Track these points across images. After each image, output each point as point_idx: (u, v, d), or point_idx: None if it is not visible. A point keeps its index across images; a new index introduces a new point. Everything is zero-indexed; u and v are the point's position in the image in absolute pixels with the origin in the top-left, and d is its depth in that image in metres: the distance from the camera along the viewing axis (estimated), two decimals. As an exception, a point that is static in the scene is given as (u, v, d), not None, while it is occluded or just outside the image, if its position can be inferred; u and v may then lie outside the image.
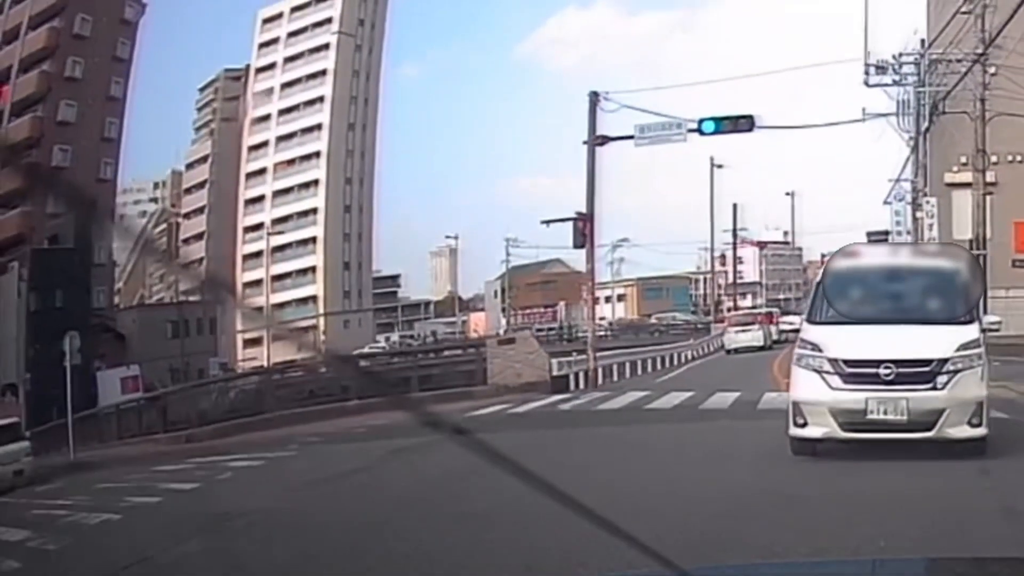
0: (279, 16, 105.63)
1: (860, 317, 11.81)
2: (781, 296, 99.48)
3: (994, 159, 33.92)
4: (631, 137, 25.36)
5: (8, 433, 25.42)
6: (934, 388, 11.01)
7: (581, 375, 26.66)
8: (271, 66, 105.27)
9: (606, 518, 2.22)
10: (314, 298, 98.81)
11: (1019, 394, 16.94)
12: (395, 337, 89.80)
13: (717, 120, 25.82)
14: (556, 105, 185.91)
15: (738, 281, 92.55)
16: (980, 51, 25.88)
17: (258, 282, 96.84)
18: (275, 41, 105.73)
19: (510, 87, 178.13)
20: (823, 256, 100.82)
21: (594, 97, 25.39)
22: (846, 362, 11.20)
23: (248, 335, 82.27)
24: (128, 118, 68.14)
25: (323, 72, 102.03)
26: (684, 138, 25.54)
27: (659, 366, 34.88)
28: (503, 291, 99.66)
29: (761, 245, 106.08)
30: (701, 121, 25.70)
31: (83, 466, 25.97)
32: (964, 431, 10.98)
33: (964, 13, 26.90)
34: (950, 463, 10.40)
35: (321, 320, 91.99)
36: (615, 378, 28.88)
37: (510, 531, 7.75)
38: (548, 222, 30.56)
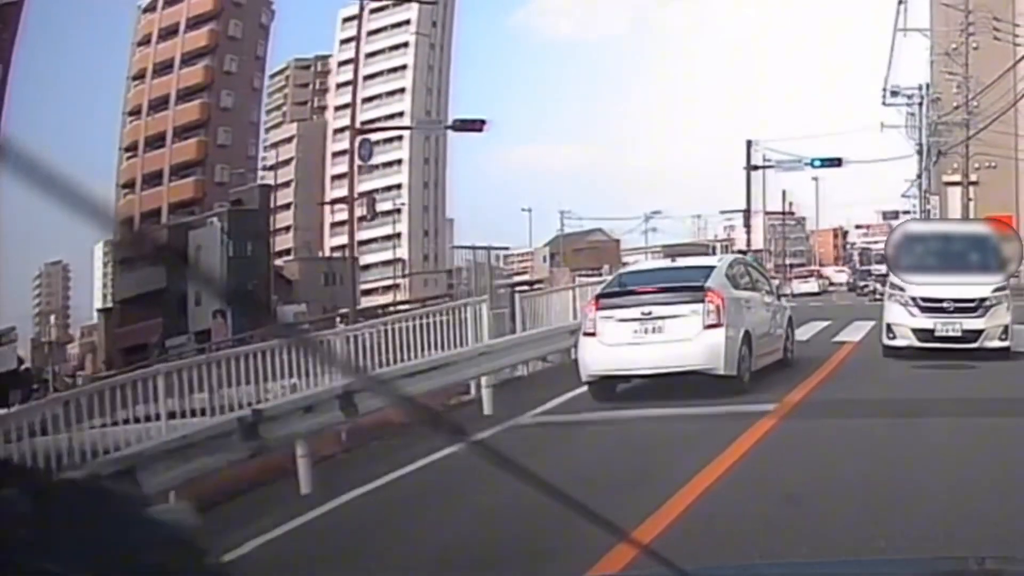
0: (359, 16, 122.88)
1: (929, 268, 13.69)
2: (785, 261, 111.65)
3: (976, 165, 46.54)
4: (772, 166, 44.10)
5: None
6: (979, 316, 14.59)
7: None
8: (352, 60, 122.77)
9: (607, 518, 2.06)
10: (399, 260, 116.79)
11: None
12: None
13: (822, 159, 42.72)
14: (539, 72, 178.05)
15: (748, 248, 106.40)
16: (966, 116, 43.48)
17: (343, 246, 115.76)
18: (355, 38, 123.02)
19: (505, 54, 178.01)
20: (836, 227, 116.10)
21: (748, 143, 44.04)
22: (922, 299, 14.64)
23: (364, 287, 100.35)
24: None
25: (403, 67, 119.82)
26: (803, 169, 43.86)
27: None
28: (552, 255, 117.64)
29: (772, 214, 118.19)
30: (812, 159, 43.11)
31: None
32: (996, 343, 14.61)
33: (957, 93, 44.94)
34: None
35: (406, 280, 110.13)
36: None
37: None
38: (725, 212, 49.21)
